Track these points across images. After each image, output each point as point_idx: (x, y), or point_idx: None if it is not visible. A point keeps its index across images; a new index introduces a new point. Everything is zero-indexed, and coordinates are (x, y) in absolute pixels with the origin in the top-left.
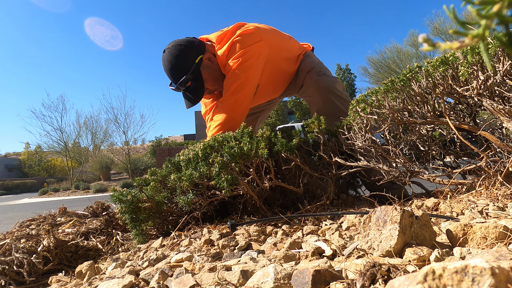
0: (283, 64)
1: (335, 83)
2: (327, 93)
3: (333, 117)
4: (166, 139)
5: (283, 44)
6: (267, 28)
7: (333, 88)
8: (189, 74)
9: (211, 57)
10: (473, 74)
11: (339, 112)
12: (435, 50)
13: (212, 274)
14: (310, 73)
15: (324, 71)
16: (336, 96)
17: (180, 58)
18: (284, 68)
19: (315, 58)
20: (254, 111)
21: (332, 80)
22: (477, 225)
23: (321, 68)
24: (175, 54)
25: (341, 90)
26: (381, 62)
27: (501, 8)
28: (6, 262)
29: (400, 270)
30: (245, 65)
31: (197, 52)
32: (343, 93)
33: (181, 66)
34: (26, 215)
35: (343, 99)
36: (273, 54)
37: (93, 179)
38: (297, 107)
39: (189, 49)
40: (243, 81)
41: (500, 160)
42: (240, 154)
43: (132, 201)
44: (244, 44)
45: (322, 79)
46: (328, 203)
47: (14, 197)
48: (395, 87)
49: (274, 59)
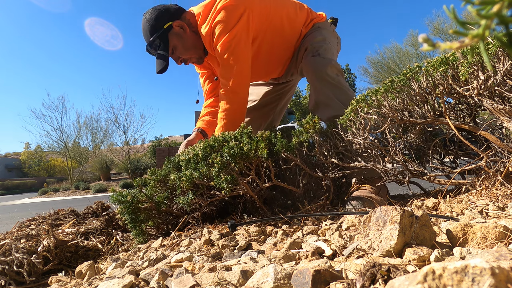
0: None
1: (326, 66)
2: (316, 78)
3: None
4: (166, 139)
5: (279, 11)
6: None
7: (323, 73)
8: (155, 37)
9: (183, 25)
10: (473, 74)
11: (330, 101)
12: (435, 50)
13: (212, 274)
14: (307, 51)
15: (321, 51)
16: (326, 83)
17: (151, 22)
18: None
19: (322, 33)
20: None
21: (324, 63)
22: (477, 225)
23: (320, 46)
24: (147, 17)
25: (333, 76)
26: (381, 62)
27: (501, 8)
28: (6, 262)
29: (400, 270)
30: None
31: (169, 18)
32: (336, 78)
33: (151, 30)
34: (26, 215)
35: (335, 86)
36: (264, 23)
37: (93, 179)
38: (297, 107)
39: (162, 14)
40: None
41: (500, 160)
42: (239, 154)
43: (131, 201)
44: (227, 26)
45: (314, 61)
46: (328, 203)
47: (14, 197)
48: (395, 87)
49: (266, 29)
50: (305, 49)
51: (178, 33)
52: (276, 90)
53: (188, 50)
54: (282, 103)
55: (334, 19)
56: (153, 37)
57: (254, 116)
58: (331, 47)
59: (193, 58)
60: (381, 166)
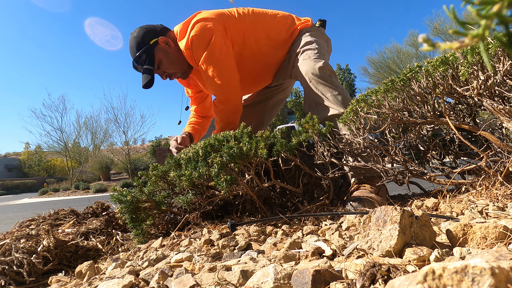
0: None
1: (318, 68)
2: (307, 79)
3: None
4: (166, 139)
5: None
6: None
7: (315, 75)
8: (141, 52)
9: (168, 41)
10: (473, 74)
11: (325, 102)
12: (435, 50)
13: (212, 274)
14: (297, 56)
15: (312, 54)
16: (319, 85)
17: (138, 39)
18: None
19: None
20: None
21: (315, 66)
22: (477, 225)
23: (310, 49)
24: (134, 35)
25: (325, 77)
26: (381, 62)
27: (501, 8)
28: (6, 262)
29: (400, 270)
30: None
31: (155, 35)
32: (329, 79)
33: (137, 45)
34: (26, 215)
35: (328, 87)
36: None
37: (93, 179)
38: (297, 107)
39: (148, 31)
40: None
41: (500, 160)
42: (239, 154)
43: (132, 201)
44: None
45: (305, 64)
46: (328, 203)
47: (14, 197)
48: (395, 87)
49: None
50: (295, 54)
51: (163, 49)
52: (267, 92)
53: (173, 64)
54: (273, 102)
55: (322, 21)
56: (139, 52)
57: (244, 114)
58: (321, 49)
59: (178, 72)
60: (380, 166)
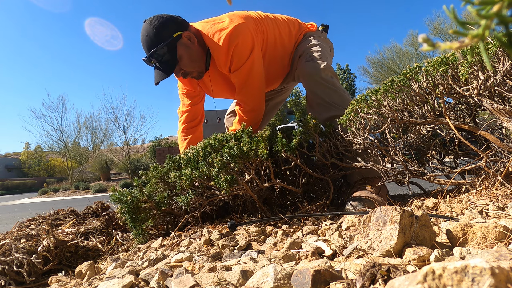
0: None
1: (319, 70)
2: (310, 81)
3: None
4: (166, 139)
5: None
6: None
7: (317, 76)
8: (164, 45)
9: (191, 37)
10: (473, 74)
11: (326, 103)
12: (435, 50)
13: (212, 274)
14: (301, 58)
15: (314, 56)
16: (320, 85)
17: (158, 29)
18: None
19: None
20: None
21: (318, 67)
22: (477, 225)
23: (313, 51)
24: (154, 24)
25: (327, 78)
26: (381, 62)
27: (501, 8)
28: (6, 262)
29: (400, 270)
30: (253, 76)
31: (178, 27)
32: (331, 81)
33: (157, 37)
34: (26, 215)
35: (330, 89)
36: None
37: (93, 179)
38: (297, 107)
39: (169, 22)
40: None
41: (500, 160)
42: (239, 154)
43: (132, 201)
44: (246, 53)
45: (308, 66)
46: (328, 203)
47: (14, 197)
48: (395, 87)
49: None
50: (298, 57)
51: (185, 44)
52: (269, 94)
53: (193, 62)
54: (272, 104)
55: (325, 26)
56: (161, 45)
57: None
58: (324, 52)
59: (194, 72)
60: (381, 166)
